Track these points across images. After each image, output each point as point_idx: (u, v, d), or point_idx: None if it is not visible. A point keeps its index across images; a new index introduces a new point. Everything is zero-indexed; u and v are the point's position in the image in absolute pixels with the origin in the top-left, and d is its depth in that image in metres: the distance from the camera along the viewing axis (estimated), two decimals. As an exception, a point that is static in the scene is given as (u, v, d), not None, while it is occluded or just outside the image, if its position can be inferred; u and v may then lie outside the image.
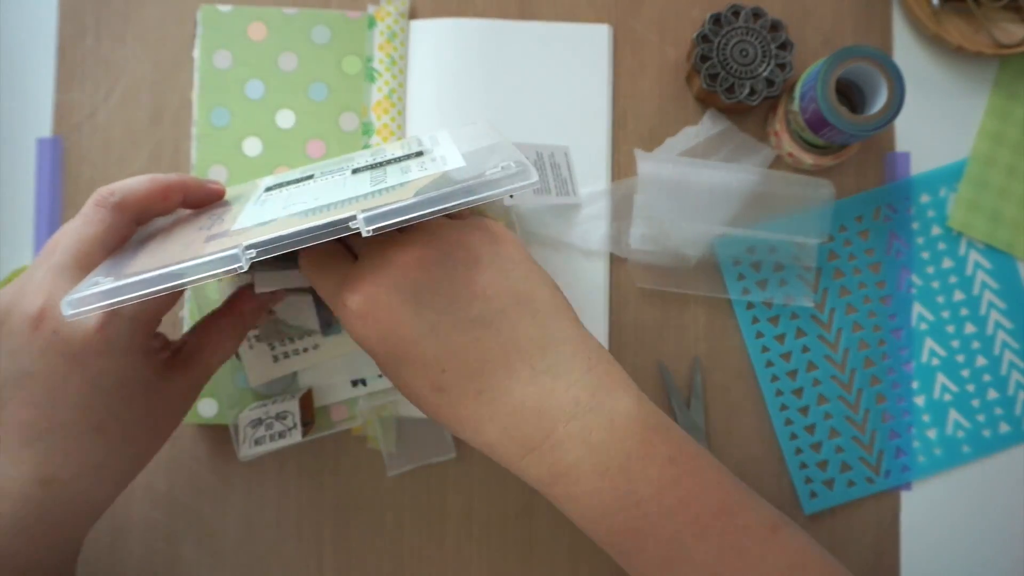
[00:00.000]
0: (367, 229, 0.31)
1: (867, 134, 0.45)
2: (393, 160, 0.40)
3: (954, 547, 0.51)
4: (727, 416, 0.51)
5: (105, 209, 0.36)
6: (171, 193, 0.39)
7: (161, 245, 0.36)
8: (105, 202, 0.36)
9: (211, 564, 0.50)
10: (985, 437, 0.51)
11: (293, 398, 0.46)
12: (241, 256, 0.31)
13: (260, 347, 0.47)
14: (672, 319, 0.51)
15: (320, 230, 0.31)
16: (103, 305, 0.31)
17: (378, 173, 0.38)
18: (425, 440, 0.49)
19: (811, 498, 0.50)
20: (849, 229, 0.52)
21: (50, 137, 0.51)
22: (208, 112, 0.51)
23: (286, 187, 0.40)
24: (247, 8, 0.51)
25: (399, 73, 0.51)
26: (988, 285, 0.52)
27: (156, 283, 0.31)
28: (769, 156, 0.51)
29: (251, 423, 0.46)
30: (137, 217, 0.38)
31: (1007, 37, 0.51)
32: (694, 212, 0.50)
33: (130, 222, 0.37)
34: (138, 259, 0.34)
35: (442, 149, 0.39)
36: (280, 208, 0.36)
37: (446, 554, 0.50)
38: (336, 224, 0.31)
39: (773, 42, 0.49)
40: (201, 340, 0.40)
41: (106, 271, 0.34)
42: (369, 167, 0.39)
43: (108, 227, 0.36)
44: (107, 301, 0.31)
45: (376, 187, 0.35)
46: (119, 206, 0.37)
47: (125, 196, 0.37)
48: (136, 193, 0.37)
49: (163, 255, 0.33)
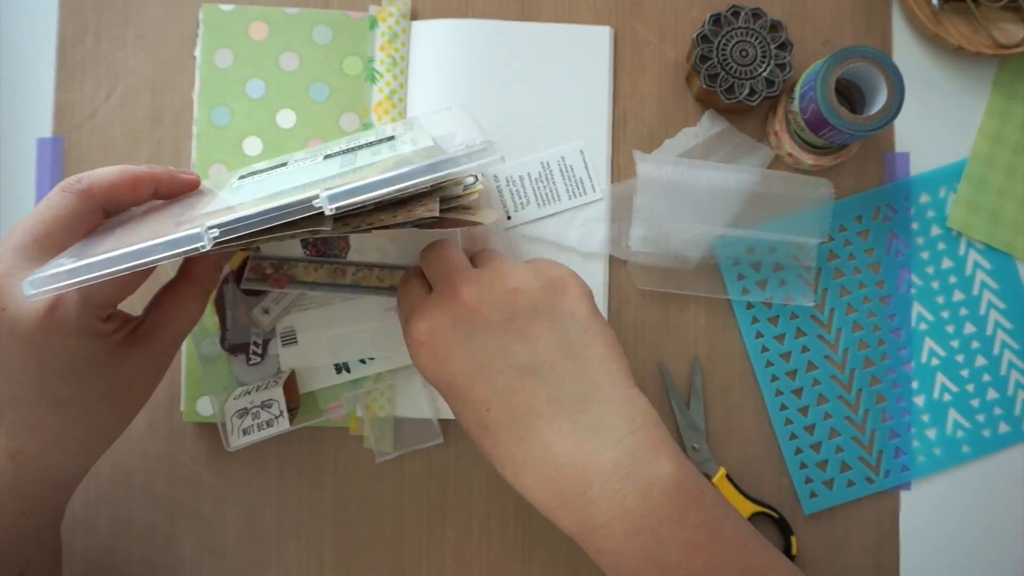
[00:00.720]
0: (330, 207, 0.31)
1: (867, 134, 0.45)
2: (364, 145, 0.40)
3: (954, 547, 0.51)
4: (727, 416, 0.51)
5: (70, 194, 0.36)
6: (140, 184, 0.39)
7: (131, 230, 0.36)
8: (71, 188, 0.37)
9: (211, 564, 0.50)
10: (985, 437, 0.51)
11: (277, 384, 0.46)
12: (204, 235, 0.31)
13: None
14: (672, 320, 0.51)
15: (283, 210, 0.31)
16: (66, 285, 0.31)
17: (348, 157, 0.38)
18: (411, 426, 0.49)
19: (811, 498, 0.50)
20: (849, 229, 0.52)
21: (50, 137, 0.51)
22: (209, 111, 0.51)
23: (259, 174, 0.40)
24: (249, 7, 0.51)
25: (400, 74, 0.51)
26: (988, 285, 0.52)
27: (119, 262, 0.31)
28: (768, 156, 0.51)
29: (237, 413, 0.46)
30: (105, 205, 0.38)
31: (1007, 37, 0.51)
32: (694, 213, 0.50)
33: (96, 209, 0.37)
34: (105, 243, 0.34)
35: (414, 133, 0.40)
36: (251, 194, 0.36)
37: (446, 554, 0.50)
38: (300, 203, 0.31)
39: (773, 42, 0.49)
40: (159, 313, 0.40)
41: (72, 254, 0.34)
42: (341, 152, 0.40)
43: (71, 211, 0.36)
44: (70, 280, 0.30)
45: (344, 169, 0.35)
46: (85, 193, 0.37)
47: (92, 183, 0.37)
48: (104, 181, 0.37)
49: (131, 238, 0.33)
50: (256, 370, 0.48)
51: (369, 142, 0.40)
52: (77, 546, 0.49)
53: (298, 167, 0.39)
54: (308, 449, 0.50)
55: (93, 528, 0.50)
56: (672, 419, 0.51)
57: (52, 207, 0.36)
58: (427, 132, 0.39)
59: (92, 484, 0.49)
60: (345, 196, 0.31)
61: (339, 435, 0.50)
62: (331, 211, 0.31)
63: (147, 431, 0.50)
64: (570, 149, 0.51)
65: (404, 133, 0.40)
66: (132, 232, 0.35)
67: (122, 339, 0.38)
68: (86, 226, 0.37)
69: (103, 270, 0.31)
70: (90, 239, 0.36)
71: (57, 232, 0.36)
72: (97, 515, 0.50)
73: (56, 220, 0.36)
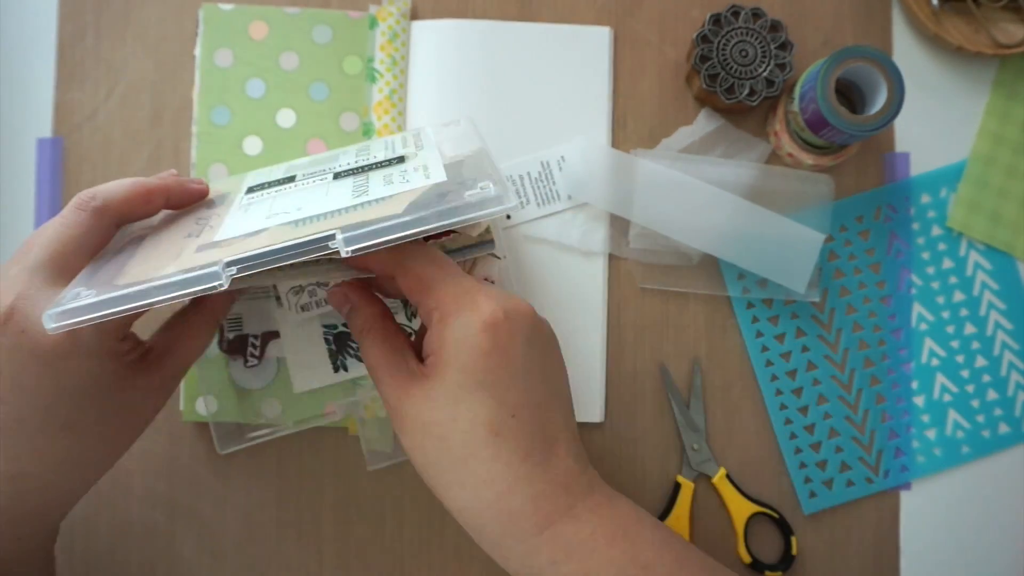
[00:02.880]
0: (346, 250, 0.32)
1: (867, 134, 0.45)
2: (375, 165, 0.40)
3: (954, 547, 0.51)
4: (727, 416, 0.51)
5: (85, 213, 0.36)
6: (153, 197, 0.39)
7: (150, 251, 0.36)
8: (86, 205, 0.37)
9: (211, 564, 0.50)
10: (984, 437, 0.51)
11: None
12: (221, 274, 0.31)
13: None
14: (672, 319, 0.51)
15: (299, 248, 0.32)
16: (84, 320, 0.31)
17: (360, 181, 0.38)
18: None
19: (810, 498, 0.50)
20: (849, 229, 0.52)
21: (50, 137, 0.51)
22: (209, 111, 0.51)
23: (269, 189, 0.40)
24: (249, 7, 0.51)
25: (400, 74, 0.51)
26: (988, 286, 0.52)
27: (136, 299, 0.31)
28: (766, 151, 0.51)
29: (293, 290, 0.45)
30: (118, 220, 0.38)
31: (1007, 37, 0.51)
32: (694, 211, 0.50)
33: (110, 226, 0.38)
34: (127, 268, 0.34)
35: (425, 155, 0.39)
36: (264, 217, 0.36)
37: (446, 554, 0.50)
38: (315, 243, 0.32)
39: (773, 42, 0.49)
40: (170, 339, 0.40)
41: (87, 279, 0.34)
42: (351, 172, 0.40)
43: (86, 230, 0.36)
44: (88, 316, 0.31)
45: (357, 200, 0.35)
46: (99, 210, 0.37)
47: (106, 200, 0.37)
48: (117, 197, 0.37)
49: (152, 263, 0.34)
50: (253, 372, 0.48)
51: (378, 162, 0.40)
52: (77, 546, 0.49)
53: (308, 185, 0.39)
54: (308, 449, 0.50)
55: (93, 528, 0.50)
56: (672, 419, 0.51)
57: (68, 225, 0.36)
58: (438, 156, 0.39)
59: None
60: (361, 240, 0.32)
61: (339, 435, 0.50)
62: (347, 254, 0.32)
63: (147, 431, 0.50)
64: (570, 149, 0.51)
65: (415, 155, 0.40)
66: (152, 253, 0.35)
67: (132, 362, 0.38)
68: (100, 243, 0.37)
69: (121, 306, 0.31)
70: (102, 258, 0.36)
71: (73, 251, 0.36)
72: (97, 515, 0.50)
73: (72, 239, 0.36)
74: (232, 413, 0.48)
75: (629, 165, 0.50)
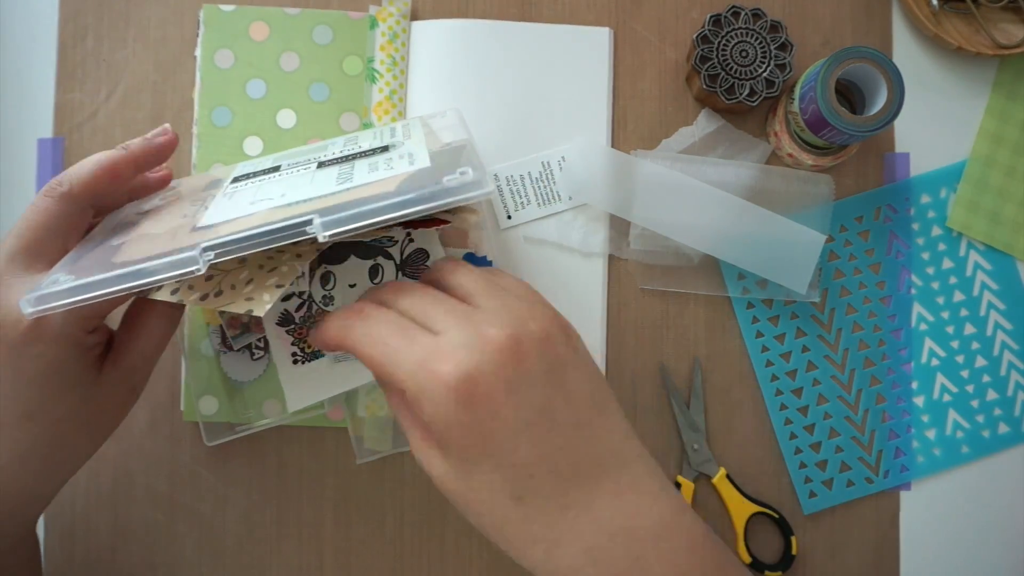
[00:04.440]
0: (323, 235, 0.31)
1: (867, 135, 0.45)
2: (360, 154, 0.40)
3: (953, 547, 0.51)
4: (727, 416, 0.51)
5: (52, 199, 0.36)
6: (119, 170, 0.38)
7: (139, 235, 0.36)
8: (53, 192, 0.37)
9: (211, 564, 0.50)
10: (984, 438, 0.51)
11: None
12: (199, 258, 0.31)
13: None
14: (672, 319, 0.51)
15: (276, 233, 0.31)
16: (61, 304, 0.31)
17: (345, 169, 0.38)
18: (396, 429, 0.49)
19: (810, 498, 0.50)
20: (849, 229, 0.52)
21: (51, 138, 0.51)
22: (209, 111, 0.51)
23: (252, 179, 0.40)
24: (249, 8, 0.51)
25: (400, 74, 0.51)
26: (988, 286, 0.52)
27: (113, 284, 0.31)
28: (766, 151, 0.51)
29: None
30: (91, 202, 0.38)
31: (1007, 38, 0.51)
32: (694, 210, 0.50)
33: (82, 209, 0.37)
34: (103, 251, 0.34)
35: (411, 144, 0.39)
36: (248, 203, 0.36)
37: (446, 554, 0.50)
38: (293, 227, 0.31)
39: (773, 43, 0.49)
40: (129, 330, 0.39)
41: (69, 265, 0.34)
42: (336, 161, 0.39)
43: (56, 216, 0.36)
44: (64, 301, 0.31)
45: (340, 186, 0.35)
46: (67, 195, 0.37)
47: (72, 184, 0.37)
48: (83, 179, 0.37)
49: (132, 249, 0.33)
50: (247, 364, 0.48)
51: (363, 151, 0.40)
52: (77, 546, 0.49)
53: (291, 174, 0.39)
54: (308, 449, 0.50)
55: (93, 528, 0.50)
56: (672, 419, 0.51)
57: (38, 212, 0.36)
58: (424, 145, 0.39)
59: (92, 484, 0.49)
60: (338, 224, 0.31)
61: (339, 435, 0.50)
62: (324, 238, 0.31)
63: (147, 431, 0.50)
64: (571, 149, 0.51)
65: (402, 143, 0.40)
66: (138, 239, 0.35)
67: (99, 355, 0.37)
68: (75, 228, 0.37)
69: (100, 291, 0.31)
70: (89, 243, 0.36)
71: (45, 238, 0.36)
72: (97, 515, 0.50)
73: (42, 226, 0.36)
74: (233, 413, 0.48)
75: (629, 166, 0.50)
